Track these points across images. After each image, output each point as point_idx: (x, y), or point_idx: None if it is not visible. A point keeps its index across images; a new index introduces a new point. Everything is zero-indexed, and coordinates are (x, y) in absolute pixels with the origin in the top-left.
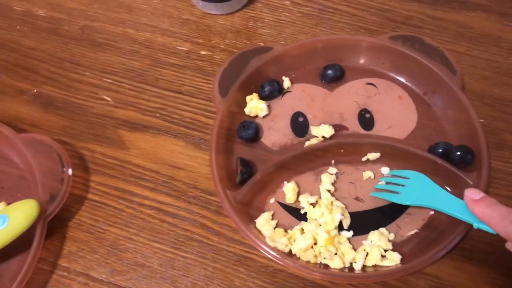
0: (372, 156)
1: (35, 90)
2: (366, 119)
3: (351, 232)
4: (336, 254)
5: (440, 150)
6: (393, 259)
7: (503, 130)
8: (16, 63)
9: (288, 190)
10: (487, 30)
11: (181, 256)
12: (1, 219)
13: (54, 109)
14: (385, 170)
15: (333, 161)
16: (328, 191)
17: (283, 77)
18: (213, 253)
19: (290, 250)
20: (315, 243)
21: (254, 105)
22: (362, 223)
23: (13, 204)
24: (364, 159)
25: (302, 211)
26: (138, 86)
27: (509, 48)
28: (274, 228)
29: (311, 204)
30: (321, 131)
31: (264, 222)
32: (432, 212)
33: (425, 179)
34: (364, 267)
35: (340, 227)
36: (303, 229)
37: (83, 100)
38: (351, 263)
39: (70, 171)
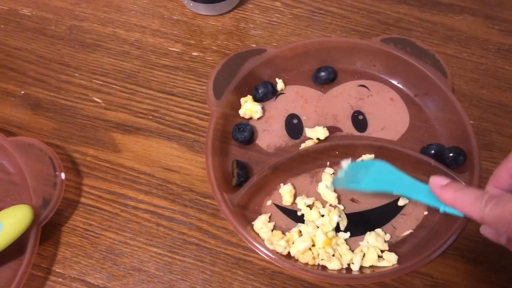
0: (367, 157)
1: (22, 92)
2: (359, 121)
3: (348, 234)
4: (333, 255)
5: (433, 152)
6: (390, 259)
7: (491, 131)
8: (1, 64)
9: (285, 192)
10: (474, 33)
11: (178, 260)
12: None
13: (43, 111)
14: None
15: (328, 163)
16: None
17: (277, 79)
18: (211, 256)
19: (289, 252)
20: (313, 245)
21: (249, 107)
22: (358, 224)
23: (6, 210)
24: (358, 160)
25: (299, 213)
26: (129, 88)
27: (495, 51)
28: (272, 230)
29: (308, 206)
30: (315, 133)
31: (261, 224)
32: (426, 213)
33: (387, 166)
34: (361, 267)
35: (337, 229)
36: (301, 231)
37: (73, 102)
38: (348, 264)
39: (63, 175)
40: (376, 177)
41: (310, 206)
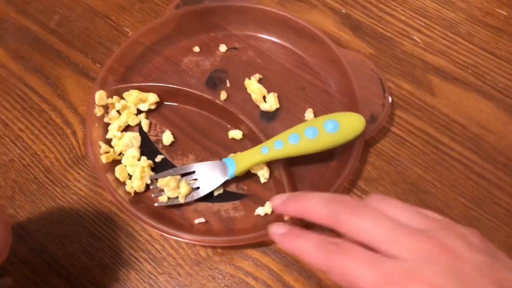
0: None
1: (343, 11)
2: None
3: None
4: None
5: None
6: None
7: None
8: None
9: None
10: None
11: (485, 217)
12: (333, 123)
13: (362, 35)
14: None
15: None
16: None
17: None
18: None
19: None
20: None
21: None
22: None
23: (342, 113)
24: None
25: None
26: (450, 36)
27: None
28: None
29: None
30: None
31: None
32: None
33: None
34: None
35: None
36: None
37: (392, 35)
38: None
39: (390, 98)
40: None
41: None
